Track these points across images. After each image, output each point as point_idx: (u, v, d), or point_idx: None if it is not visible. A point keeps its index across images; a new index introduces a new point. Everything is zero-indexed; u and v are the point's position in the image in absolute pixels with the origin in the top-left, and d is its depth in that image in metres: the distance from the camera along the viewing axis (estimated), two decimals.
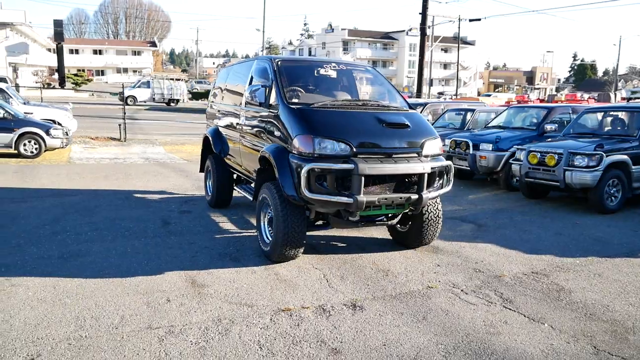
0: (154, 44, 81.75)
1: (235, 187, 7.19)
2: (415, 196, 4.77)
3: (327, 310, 4.02)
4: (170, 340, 3.46)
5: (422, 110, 12.67)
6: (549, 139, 8.94)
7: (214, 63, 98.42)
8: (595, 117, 9.49)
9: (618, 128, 8.79)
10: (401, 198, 4.73)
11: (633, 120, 8.60)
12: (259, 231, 5.32)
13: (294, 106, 5.02)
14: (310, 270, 4.89)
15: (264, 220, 5.27)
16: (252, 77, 6.10)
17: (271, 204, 4.92)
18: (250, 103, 5.73)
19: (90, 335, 3.49)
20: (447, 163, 5.13)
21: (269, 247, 5.03)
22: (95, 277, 4.52)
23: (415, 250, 5.59)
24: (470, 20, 35.55)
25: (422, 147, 4.96)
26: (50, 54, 48.58)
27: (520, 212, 7.76)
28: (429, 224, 5.41)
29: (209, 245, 5.60)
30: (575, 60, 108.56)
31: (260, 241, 5.29)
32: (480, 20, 33.18)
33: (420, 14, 23.24)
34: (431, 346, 3.49)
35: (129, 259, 5.04)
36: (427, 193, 4.85)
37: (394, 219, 5.25)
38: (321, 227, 5.43)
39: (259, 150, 5.44)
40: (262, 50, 43.56)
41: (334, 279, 4.68)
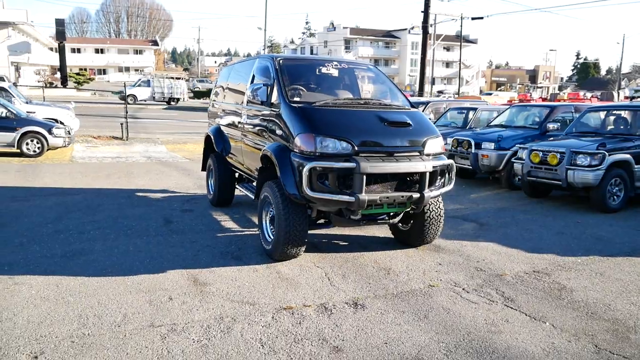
0: (155, 43, 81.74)
1: (237, 186, 7.20)
2: (417, 195, 4.77)
3: (328, 308, 4.03)
4: (173, 338, 3.48)
5: (424, 109, 12.65)
6: (551, 138, 8.92)
7: (215, 62, 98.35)
8: (598, 116, 9.46)
9: (621, 127, 8.77)
10: (403, 197, 4.73)
11: (636, 119, 8.58)
12: (260, 230, 5.34)
13: (296, 105, 5.02)
14: (312, 269, 4.90)
15: (266, 218, 5.28)
16: (253, 76, 6.09)
17: (273, 203, 4.93)
18: (252, 102, 5.73)
19: (93, 333, 3.50)
20: (449, 162, 5.13)
21: (271, 246, 5.04)
22: (98, 276, 4.54)
23: (417, 249, 5.60)
24: (472, 19, 35.55)
25: (424, 146, 4.96)
26: (52, 53, 48.67)
27: (522, 211, 7.75)
28: (430, 223, 5.41)
29: (211, 243, 5.61)
30: (579, 58, 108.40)
31: (262, 240, 5.30)
32: (482, 18, 33.17)
33: (422, 12, 23.18)
34: (432, 344, 3.50)
35: (132, 258, 5.05)
36: (428, 192, 4.85)
37: (396, 217, 5.26)
38: (323, 226, 5.45)
39: (260, 149, 5.44)
40: (263, 48, 43.61)
41: (335, 278, 4.69)
